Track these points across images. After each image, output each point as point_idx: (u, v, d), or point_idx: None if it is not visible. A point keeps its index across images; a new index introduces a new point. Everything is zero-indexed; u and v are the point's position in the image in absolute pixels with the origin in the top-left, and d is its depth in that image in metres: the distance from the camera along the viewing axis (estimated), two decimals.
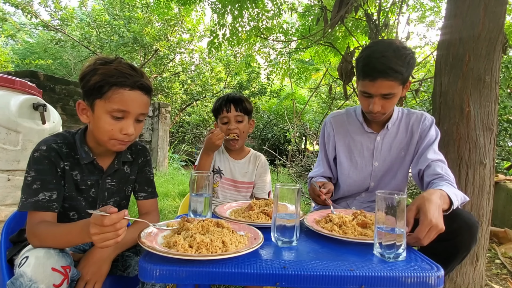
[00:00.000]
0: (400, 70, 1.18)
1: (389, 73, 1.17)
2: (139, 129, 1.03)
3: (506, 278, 2.02)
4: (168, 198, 4.05)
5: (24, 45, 13.32)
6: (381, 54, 1.19)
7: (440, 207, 0.93)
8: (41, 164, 0.96)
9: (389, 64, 1.17)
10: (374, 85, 1.21)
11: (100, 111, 0.96)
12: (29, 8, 7.76)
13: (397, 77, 1.18)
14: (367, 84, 1.23)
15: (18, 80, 1.96)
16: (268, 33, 4.34)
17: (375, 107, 1.26)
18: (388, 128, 1.40)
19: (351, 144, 1.46)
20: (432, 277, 0.73)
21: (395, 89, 1.22)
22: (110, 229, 0.75)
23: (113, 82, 0.94)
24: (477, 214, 1.70)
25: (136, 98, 0.98)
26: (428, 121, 1.37)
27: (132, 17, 8.63)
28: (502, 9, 1.66)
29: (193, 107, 10.71)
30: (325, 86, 8.32)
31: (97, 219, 0.74)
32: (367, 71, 1.22)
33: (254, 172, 1.66)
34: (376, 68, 1.19)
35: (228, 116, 1.55)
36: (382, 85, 1.20)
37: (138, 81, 0.97)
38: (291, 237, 0.87)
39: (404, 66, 1.18)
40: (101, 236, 0.75)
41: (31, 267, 0.79)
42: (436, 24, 6.85)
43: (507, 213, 2.89)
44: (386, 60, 1.17)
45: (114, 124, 0.97)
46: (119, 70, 0.95)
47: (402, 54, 1.18)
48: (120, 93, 0.95)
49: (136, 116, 1.00)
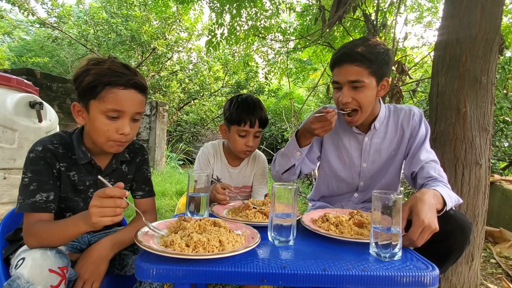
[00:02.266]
0: (367, 57, 1.16)
1: (355, 57, 1.16)
2: (135, 128, 1.02)
3: (501, 278, 2.04)
4: (166, 197, 4.05)
5: (20, 43, 13.22)
6: (351, 43, 1.22)
7: (433, 206, 0.93)
8: (37, 165, 0.96)
9: (355, 48, 1.17)
10: (341, 70, 1.20)
11: (95, 111, 0.95)
12: (25, 6, 7.70)
13: (363, 62, 1.16)
14: (335, 72, 1.23)
15: (15, 78, 1.94)
16: (266, 33, 4.34)
17: (344, 97, 1.20)
18: (376, 128, 1.35)
19: (339, 143, 1.43)
20: (427, 277, 0.73)
21: (363, 77, 1.18)
22: (110, 202, 0.77)
23: (106, 81, 0.93)
24: (472, 214, 1.71)
25: (131, 97, 0.97)
26: (417, 116, 1.33)
27: (129, 15, 8.59)
28: (498, 10, 1.67)
29: (191, 106, 10.69)
30: (322, 86, 8.33)
31: (100, 190, 0.78)
32: (335, 57, 1.22)
33: (252, 173, 1.61)
34: (343, 53, 1.20)
35: (249, 131, 1.41)
36: (348, 70, 1.18)
37: (132, 79, 0.96)
38: (288, 237, 0.87)
39: (372, 55, 1.17)
40: (100, 210, 0.77)
41: (28, 268, 0.78)
42: (433, 25, 6.89)
43: (502, 213, 2.92)
44: (353, 45, 1.19)
45: (110, 124, 0.96)
46: (112, 69, 0.94)
47: (372, 45, 1.19)
48: (114, 93, 0.94)
49: (131, 115, 0.99)
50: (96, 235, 1.17)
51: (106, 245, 1.00)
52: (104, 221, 0.78)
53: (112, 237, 1.03)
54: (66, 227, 0.87)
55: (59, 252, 0.87)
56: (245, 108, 1.41)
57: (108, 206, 0.77)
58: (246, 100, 1.44)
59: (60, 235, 0.88)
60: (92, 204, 0.78)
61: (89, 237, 1.16)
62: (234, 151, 1.51)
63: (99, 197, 0.78)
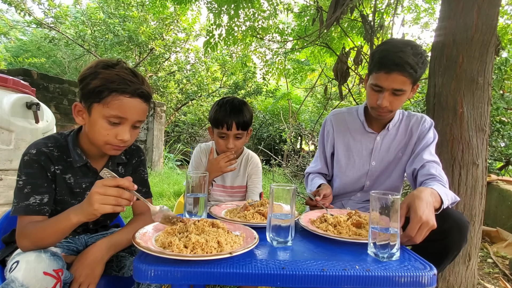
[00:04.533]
0: (415, 68, 1.18)
1: (405, 68, 1.18)
2: (134, 135, 1.02)
3: (498, 277, 2.05)
4: (163, 198, 4.04)
5: (17, 43, 13.14)
6: (399, 49, 1.19)
7: (431, 204, 0.94)
8: (31, 167, 0.95)
9: (407, 59, 1.17)
10: (388, 78, 1.21)
11: (97, 115, 0.95)
12: (22, 6, 7.66)
13: (411, 74, 1.19)
14: (381, 76, 1.23)
15: (11, 79, 1.93)
16: (264, 33, 4.34)
17: (384, 101, 1.25)
18: (388, 129, 1.42)
19: (350, 143, 1.47)
20: (425, 277, 0.73)
21: (406, 86, 1.22)
22: (114, 192, 0.79)
23: (114, 88, 0.92)
24: (469, 214, 1.72)
25: (135, 105, 0.96)
26: (428, 123, 1.40)
27: (127, 16, 8.57)
28: (495, 11, 1.68)
29: (188, 106, 10.67)
30: (320, 86, 8.35)
31: (106, 179, 0.80)
32: (384, 63, 1.21)
33: (246, 174, 1.63)
34: (393, 61, 1.19)
35: (228, 133, 1.45)
36: (396, 79, 1.20)
37: (139, 88, 0.96)
38: (286, 237, 0.87)
39: (419, 64, 1.19)
40: (102, 197, 0.79)
41: (22, 272, 0.78)
42: (430, 26, 6.93)
43: (499, 213, 2.93)
44: (404, 55, 1.17)
45: (110, 129, 0.95)
46: (120, 76, 0.93)
47: (419, 53, 1.20)
48: (119, 100, 0.93)
49: (133, 123, 0.98)
50: (93, 237, 1.17)
51: (102, 247, 0.99)
52: (105, 208, 0.79)
53: (109, 239, 1.02)
54: (57, 222, 0.87)
55: (53, 254, 0.86)
56: (223, 111, 1.44)
57: (112, 194, 0.79)
58: (227, 103, 1.46)
59: (52, 231, 0.87)
60: (94, 191, 0.79)
61: (86, 238, 1.15)
62: (218, 152, 1.57)
63: (103, 185, 0.79)
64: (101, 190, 0.79)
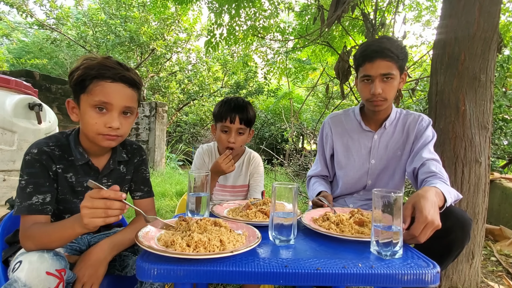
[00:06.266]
0: (395, 52, 1.27)
1: (386, 53, 1.27)
2: (127, 124, 1.02)
3: (501, 275, 2.04)
4: (166, 198, 4.04)
5: (19, 45, 13.21)
6: (376, 41, 1.33)
7: (436, 204, 0.94)
8: (33, 167, 0.95)
9: (385, 45, 1.28)
10: (373, 65, 1.29)
11: (85, 105, 0.96)
12: (24, 7, 7.69)
13: (393, 57, 1.27)
14: (367, 66, 1.31)
15: (14, 80, 1.94)
16: (265, 33, 4.34)
17: (377, 88, 1.30)
18: (385, 127, 1.44)
19: (349, 143, 1.49)
20: (428, 274, 0.73)
21: (393, 70, 1.29)
22: (101, 204, 0.75)
23: (94, 74, 0.94)
24: (472, 212, 1.71)
25: (119, 90, 0.97)
26: (425, 122, 1.41)
27: (128, 16, 8.59)
28: (496, 9, 1.67)
29: (190, 106, 10.69)
30: (322, 85, 8.34)
31: (93, 191, 0.76)
32: (366, 54, 1.31)
33: (248, 173, 1.65)
34: (373, 50, 1.29)
35: (230, 127, 1.49)
36: (380, 64, 1.28)
37: (120, 73, 0.96)
38: (288, 236, 0.87)
39: (398, 50, 1.28)
40: (91, 211, 0.75)
41: (24, 272, 0.78)
42: (432, 24, 6.89)
43: (502, 211, 2.92)
44: (381, 43, 1.29)
45: (98, 117, 0.96)
46: (100, 63, 0.95)
47: (395, 41, 1.31)
48: (101, 85, 0.94)
49: (120, 109, 0.98)
50: (96, 236, 1.17)
51: (105, 247, 0.99)
52: (95, 222, 0.75)
53: (111, 239, 1.02)
54: (63, 229, 0.87)
55: (56, 254, 0.86)
56: (227, 106, 1.50)
57: (99, 207, 0.75)
58: (231, 100, 1.53)
59: (56, 237, 0.87)
60: (83, 205, 0.75)
61: (88, 238, 1.15)
62: (220, 148, 1.58)
63: (90, 197, 0.75)
64: (89, 204, 0.75)
